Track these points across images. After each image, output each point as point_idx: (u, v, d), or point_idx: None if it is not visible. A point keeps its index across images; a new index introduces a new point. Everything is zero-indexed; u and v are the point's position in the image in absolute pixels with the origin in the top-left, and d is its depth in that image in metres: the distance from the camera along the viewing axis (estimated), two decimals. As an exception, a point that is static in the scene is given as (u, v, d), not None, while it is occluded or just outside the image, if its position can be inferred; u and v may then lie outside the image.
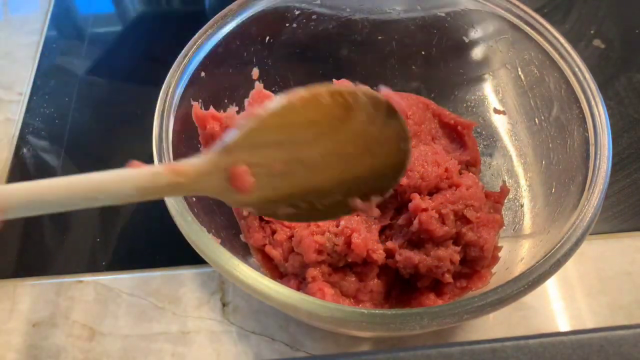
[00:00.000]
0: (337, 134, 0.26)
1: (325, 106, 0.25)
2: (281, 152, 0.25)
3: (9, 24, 0.64)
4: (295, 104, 0.25)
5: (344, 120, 0.26)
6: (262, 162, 0.25)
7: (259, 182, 0.25)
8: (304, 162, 0.26)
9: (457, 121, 0.44)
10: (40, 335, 0.41)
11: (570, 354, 0.27)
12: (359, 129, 0.27)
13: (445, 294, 0.37)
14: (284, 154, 0.25)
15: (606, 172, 0.34)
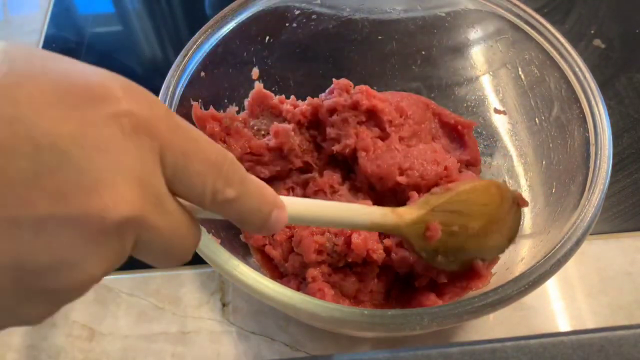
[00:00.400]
0: (492, 214, 0.35)
1: (492, 194, 0.35)
2: (459, 219, 0.33)
3: (9, 24, 0.64)
4: (477, 188, 0.34)
5: (498, 207, 0.35)
6: (447, 222, 0.33)
7: (441, 236, 0.33)
8: (468, 230, 0.34)
9: (457, 121, 0.43)
10: (40, 335, 0.41)
11: (570, 354, 0.27)
12: (502, 213, 0.35)
13: (445, 294, 0.37)
14: (461, 221, 0.33)
15: (606, 172, 0.34)
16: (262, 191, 0.23)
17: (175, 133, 0.19)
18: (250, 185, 0.22)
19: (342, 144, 0.39)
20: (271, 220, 0.23)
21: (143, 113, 0.18)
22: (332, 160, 0.41)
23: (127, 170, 0.18)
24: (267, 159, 0.39)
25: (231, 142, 0.38)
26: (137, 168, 0.18)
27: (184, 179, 0.20)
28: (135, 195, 0.18)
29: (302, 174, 0.41)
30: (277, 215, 0.24)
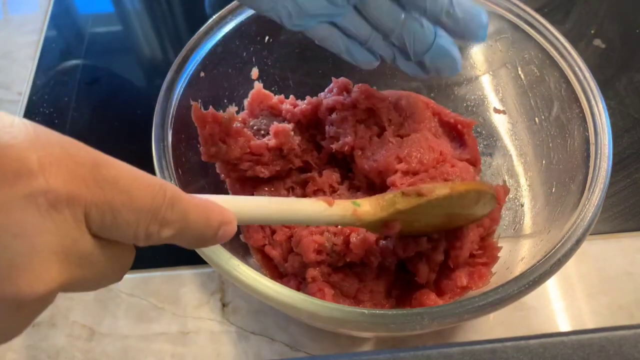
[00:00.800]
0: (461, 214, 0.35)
1: (468, 200, 0.34)
2: (423, 217, 0.33)
3: (9, 24, 0.64)
4: (453, 196, 0.32)
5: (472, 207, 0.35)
6: (410, 219, 0.33)
7: (402, 226, 0.33)
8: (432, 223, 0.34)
9: (457, 120, 0.43)
10: (39, 335, 0.41)
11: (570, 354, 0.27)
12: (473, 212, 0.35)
13: (445, 294, 0.37)
14: (424, 218, 0.33)
15: (606, 172, 0.34)
16: (206, 215, 0.23)
17: (102, 189, 0.19)
18: (192, 216, 0.22)
19: (341, 142, 0.39)
20: (217, 238, 0.24)
21: (61, 186, 0.18)
22: (331, 159, 0.41)
23: (45, 249, 0.18)
24: (267, 159, 0.39)
25: (231, 142, 0.38)
26: (56, 243, 0.18)
27: (113, 229, 0.20)
28: (54, 271, 0.19)
29: (301, 173, 0.41)
30: (224, 231, 0.24)
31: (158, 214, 0.21)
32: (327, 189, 0.39)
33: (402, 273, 0.38)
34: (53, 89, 0.57)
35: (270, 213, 0.28)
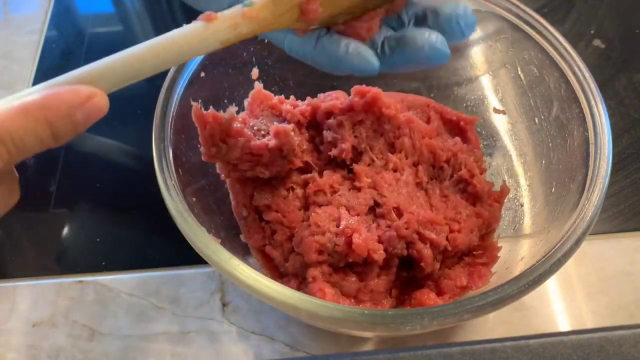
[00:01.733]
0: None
1: None
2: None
3: (9, 24, 0.64)
4: None
5: None
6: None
7: (323, 7, 0.28)
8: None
9: (459, 117, 0.44)
10: (40, 335, 0.41)
11: (570, 354, 0.27)
12: None
13: (445, 294, 0.37)
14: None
15: (606, 172, 0.34)
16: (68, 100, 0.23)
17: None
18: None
19: (339, 149, 0.39)
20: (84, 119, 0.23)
21: None
22: (332, 160, 0.41)
23: None
24: (267, 159, 0.39)
25: (231, 143, 0.38)
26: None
27: None
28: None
29: (302, 174, 0.41)
30: (89, 110, 0.23)
31: None
32: (328, 190, 0.39)
33: (403, 272, 0.38)
34: (53, 89, 0.57)
35: (140, 61, 0.25)
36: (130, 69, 0.24)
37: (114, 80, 0.24)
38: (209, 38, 0.26)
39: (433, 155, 0.41)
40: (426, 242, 0.36)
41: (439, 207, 0.39)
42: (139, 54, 0.25)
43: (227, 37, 0.26)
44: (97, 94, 0.23)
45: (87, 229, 0.47)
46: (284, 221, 0.38)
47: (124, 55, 0.25)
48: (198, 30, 0.26)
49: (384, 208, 0.37)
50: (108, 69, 0.24)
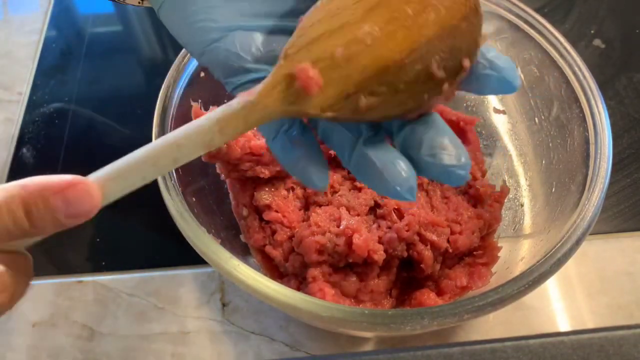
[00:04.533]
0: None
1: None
2: (336, 39, 0.24)
3: (9, 24, 0.64)
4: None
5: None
6: (321, 56, 0.23)
7: (326, 76, 0.23)
8: (364, 39, 0.23)
9: (459, 117, 0.44)
10: (40, 335, 0.41)
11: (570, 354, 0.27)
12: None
13: (445, 294, 0.37)
14: (340, 39, 0.23)
15: (606, 172, 0.34)
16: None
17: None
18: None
19: None
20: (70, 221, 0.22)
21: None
22: (332, 160, 0.41)
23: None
24: (267, 159, 0.39)
25: (231, 143, 0.38)
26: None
27: None
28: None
29: (302, 173, 0.41)
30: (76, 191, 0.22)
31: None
32: (328, 190, 0.39)
33: (403, 273, 0.38)
34: (53, 89, 0.57)
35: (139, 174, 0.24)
36: (131, 177, 0.24)
37: (115, 188, 0.24)
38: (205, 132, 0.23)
39: None
40: (427, 243, 0.36)
41: (440, 209, 0.39)
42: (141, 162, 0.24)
43: (207, 138, 0.23)
44: (82, 182, 0.22)
45: (87, 229, 0.47)
46: (284, 221, 0.38)
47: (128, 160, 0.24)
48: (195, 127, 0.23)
49: (385, 209, 0.37)
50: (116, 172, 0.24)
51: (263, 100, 0.23)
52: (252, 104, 0.23)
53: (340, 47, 0.23)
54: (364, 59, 0.23)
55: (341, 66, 0.23)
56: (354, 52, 0.23)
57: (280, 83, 0.23)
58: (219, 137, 0.23)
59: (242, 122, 0.23)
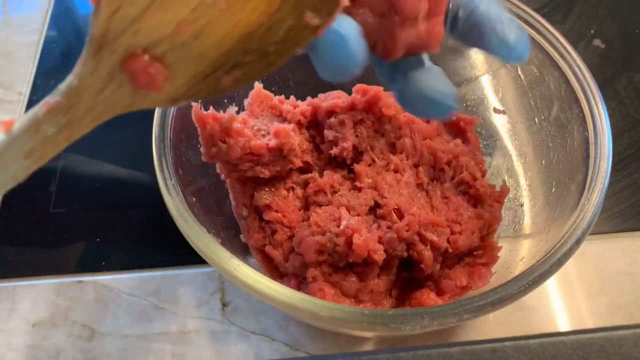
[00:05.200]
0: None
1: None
2: (175, 8, 0.17)
3: (9, 24, 0.64)
4: None
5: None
6: (158, 37, 0.17)
7: (172, 63, 0.18)
8: (216, 3, 0.17)
9: (459, 117, 0.44)
10: (40, 335, 0.41)
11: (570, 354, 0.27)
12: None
13: (445, 294, 0.37)
14: (181, 8, 0.17)
15: (606, 172, 0.34)
16: None
17: None
18: None
19: (340, 147, 0.39)
20: None
21: None
22: (332, 160, 0.41)
23: None
24: (267, 159, 0.39)
25: (231, 143, 0.38)
26: None
27: None
28: None
29: (302, 173, 0.41)
30: None
31: None
32: (328, 190, 0.39)
33: (403, 273, 0.38)
34: (53, 89, 0.57)
35: None
36: None
37: None
38: (4, 156, 0.18)
39: (434, 157, 0.41)
40: (427, 243, 0.36)
41: (440, 209, 0.39)
42: None
43: (28, 146, 0.19)
44: None
45: (87, 229, 0.47)
46: (284, 221, 0.38)
47: None
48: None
49: (385, 209, 0.37)
50: None
51: (88, 115, 0.18)
52: (73, 123, 0.18)
53: (183, 20, 0.17)
54: (220, 29, 0.18)
55: (189, 44, 0.18)
56: (205, 24, 0.17)
57: (109, 83, 0.18)
58: (34, 166, 0.19)
59: (62, 144, 0.19)
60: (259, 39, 0.18)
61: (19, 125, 0.18)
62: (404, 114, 0.41)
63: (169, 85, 0.18)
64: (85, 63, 0.18)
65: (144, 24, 0.17)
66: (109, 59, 0.17)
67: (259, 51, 0.19)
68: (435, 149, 0.40)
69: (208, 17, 0.17)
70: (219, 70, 0.19)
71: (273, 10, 0.18)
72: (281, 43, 0.19)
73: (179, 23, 0.17)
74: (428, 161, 0.41)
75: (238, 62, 0.19)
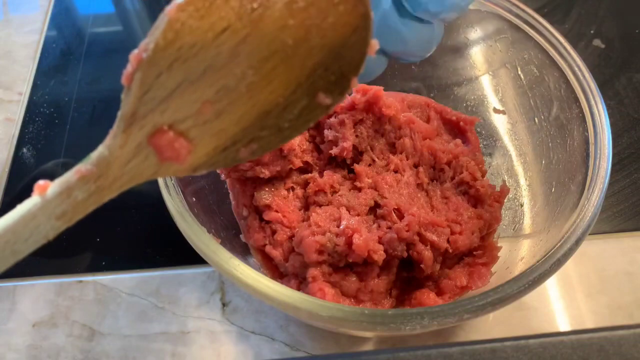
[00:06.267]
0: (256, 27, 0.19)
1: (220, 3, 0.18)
2: (199, 91, 0.19)
3: (9, 24, 0.64)
4: (177, 25, 0.18)
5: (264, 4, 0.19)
6: (184, 115, 0.19)
7: (195, 138, 0.19)
8: (235, 86, 0.19)
9: (459, 117, 0.44)
10: (40, 335, 0.41)
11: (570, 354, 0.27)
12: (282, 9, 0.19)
13: (445, 294, 0.37)
14: (205, 91, 0.19)
15: (606, 172, 0.34)
16: None
17: None
18: None
19: (340, 147, 0.39)
20: None
21: None
22: (332, 160, 0.41)
23: None
24: (267, 159, 0.39)
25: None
26: None
27: None
28: None
29: (302, 173, 0.41)
30: None
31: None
32: (328, 190, 0.39)
33: (403, 273, 0.38)
34: (53, 89, 0.57)
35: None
36: None
37: None
38: (38, 217, 0.19)
39: (434, 157, 0.41)
40: (427, 243, 0.36)
41: (440, 209, 0.39)
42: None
43: (60, 209, 0.20)
44: None
45: (87, 229, 0.47)
46: (284, 221, 0.38)
47: None
48: (31, 210, 0.19)
49: (385, 209, 0.37)
50: None
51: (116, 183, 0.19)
52: (102, 190, 0.20)
53: (207, 101, 0.19)
54: (240, 108, 0.19)
55: (211, 121, 0.19)
56: (226, 104, 0.19)
57: (138, 156, 0.19)
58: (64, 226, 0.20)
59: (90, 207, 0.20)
60: (275, 117, 0.21)
61: (52, 189, 0.19)
62: (404, 114, 0.41)
63: (191, 157, 0.20)
64: (115, 136, 0.20)
65: (171, 104, 0.19)
66: (137, 134, 0.19)
67: (274, 127, 0.21)
68: (435, 149, 0.40)
69: (229, 98, 0.19)
70: (238, 143, 0.21)
71: (289, 92, 0.20)
72: (295, 120, 0.21)
73: (204, 103, 0.19)
74: (428, 161, 0.41)
75: (255, 136, 0.21)
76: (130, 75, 0.19)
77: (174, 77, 0.19)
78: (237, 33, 0.18)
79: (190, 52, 0.19)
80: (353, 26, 0.20)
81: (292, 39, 0.19)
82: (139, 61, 0.19)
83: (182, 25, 0.18)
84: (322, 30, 0.19)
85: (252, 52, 0.19)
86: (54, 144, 0.53)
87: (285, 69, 0.20)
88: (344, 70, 0.21)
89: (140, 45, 0.19)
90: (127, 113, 0.19)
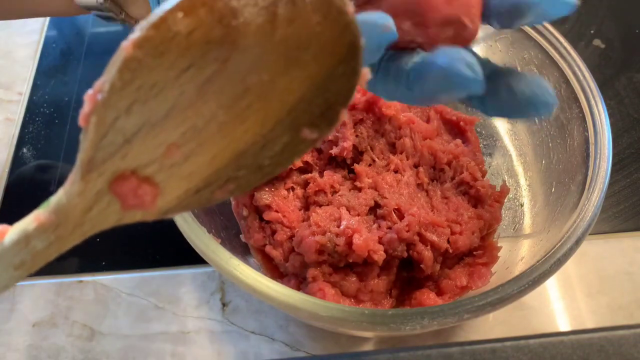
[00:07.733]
0: (224, 65, 0.17)
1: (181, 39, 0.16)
2: (163, 134, 0.17)
3: (9, 24, 0.64)
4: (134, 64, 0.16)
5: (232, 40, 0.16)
6: (147, 160, 0.17)
7: (162, 182, 0.18)
8: (204, 127, 0.17)
9: (459, 117, 0.44)
10: (40, 335, 0.41)
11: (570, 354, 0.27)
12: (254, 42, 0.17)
13: (445, 294, 0.37)
14: (169, 133, 0.17)
15: (606, 172, 0.34)
16: None
17: None
18: None
19: (340, 147, 0.39)
20: None
21: None
22: (332, 160, 0.41)
23: None
24: (267, 159, 0.39)
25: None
26: None
27: None
28: None
29: (302, 173, 0.41)
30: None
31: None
32: (328, 190, 0.39)
33: (403, 273, 0.38)
34: (54, 89, 0.57)
35: None
36: None
37: None
38: None
39: (434, 157, 0.41)
40: (427, 244, 0.36)
41: (440, 209, 0.39)
42: None
43: (18, 258, 0.18)
44: None
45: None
46: (284, 221, 0.38)
47: None
48: None
49: (385, 209, 0.37)
50: None
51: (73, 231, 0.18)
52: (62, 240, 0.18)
53: (172, 144, 0.17)
54: (211, 150, 0.18)
55: (179, 165, 0.18)
56: (195, 146, 0.18)
57: (97, 203, 0.18)
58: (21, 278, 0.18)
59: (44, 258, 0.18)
60: (253, 156, 0.19)
61: (10, 237, 0.18)
62: (404, 114, 0.41)
63: (160, 201, 0.19)
64: (73, 183, 0.18)
65: (132, 148, 0.17)
66: (96, 181, 0.18)
67: (252, 166, 0.19)
68: (436, 149, 0.40)
69: (199, 140, 0.17)
70: (212, 185, 0.19)
71: (266, 131, 0.18)
72: (278, 156, 0.19)
73: (169, 146, 0.17)
74: (428, 161, 0.41)
75: (231, 176, 0.19)
76: (87, 117, 0.17)
77: (133, 121, 0.17)
78: (203, 71, 0.17)
79: (150, 92, 0.17)
80: (339, 56, 0.18)
81: (267, 74, 0.17)
82: (94, 103, 0.17)
83: (140, 63, 0.16)
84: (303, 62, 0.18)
85: (221, 90, 0.17)
86: (54, 144, 0.53)
87: (262, 106, 0.18)
88: (330, 102, 0.19)
89: (95, 85, 0.17)
90: (84, 159, 0.17)
